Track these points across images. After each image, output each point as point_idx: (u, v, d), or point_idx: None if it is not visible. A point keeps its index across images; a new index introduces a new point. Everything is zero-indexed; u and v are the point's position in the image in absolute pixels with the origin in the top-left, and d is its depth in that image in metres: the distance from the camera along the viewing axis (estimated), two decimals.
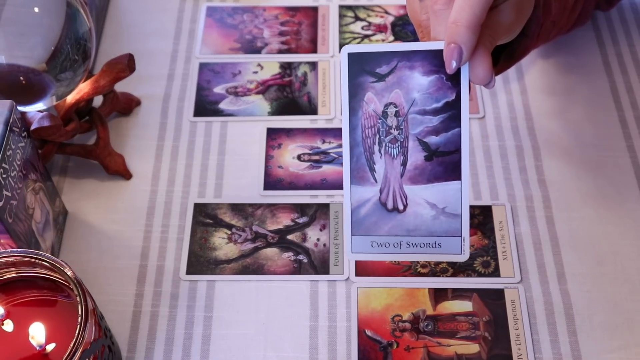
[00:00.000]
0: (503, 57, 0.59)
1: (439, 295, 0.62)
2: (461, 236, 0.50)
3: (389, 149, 0.51)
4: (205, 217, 0.67)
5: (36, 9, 0.61)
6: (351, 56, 0.50)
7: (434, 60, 0.49)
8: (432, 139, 0.50)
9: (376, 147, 0.51)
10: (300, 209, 0.67)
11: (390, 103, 0.50)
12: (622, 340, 0.60)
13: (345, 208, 0.52)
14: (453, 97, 0.49)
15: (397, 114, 0.50)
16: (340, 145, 0.71)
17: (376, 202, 0.51)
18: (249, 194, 0.68)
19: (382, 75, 0.50)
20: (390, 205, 0.51)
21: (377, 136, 0.51)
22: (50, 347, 0.52)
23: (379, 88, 0.50)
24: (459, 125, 0.49)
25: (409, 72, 0.50)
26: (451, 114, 0.50)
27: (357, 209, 0.51)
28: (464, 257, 0.51)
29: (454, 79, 0.49)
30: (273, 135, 0.72)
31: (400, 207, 0.51)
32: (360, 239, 0.52)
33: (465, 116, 0.49)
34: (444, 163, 0.50)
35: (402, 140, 0.50)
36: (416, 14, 0.54)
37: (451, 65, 0.48)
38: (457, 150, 0.50)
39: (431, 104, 0.50)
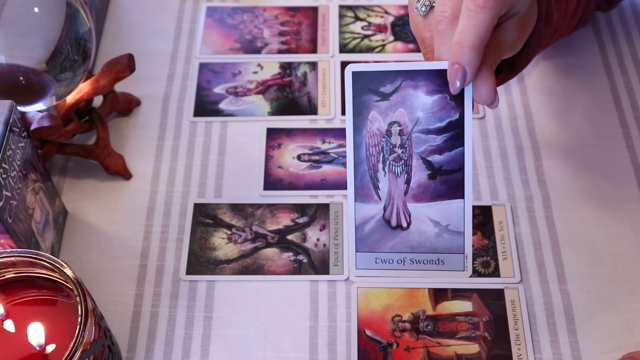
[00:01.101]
0: (505, 69, 0.59)
1: (438, 295, 0.62)
2: (464, 253, 0.51)
3: (393, 167, 0.51)
4: (205, 217, 0.67)
5: (36, 9, 0.61)
6: (355, 75, 0.51)
7: (438, 79, 0.49)
8: (436, 158, 0.50)
9: (380, 165, 0.51)
10: (300, 209, 0.67)
11: (394, 122, 0.51)
12: (622, 340, 0.60)
13: (349, 225, 0.52)
14: (457, 116, 0.50)
15: (401, 133, 0.51)
16: (340, 145, 0.71)
17: (380, 220, 0.52)
18: (249, 194, 0.68)
19: (386, 94, 0.50)
20: (394, 222, 0.52)
21: (381, 154, 0.51)
22: (50, 348, 0.52)
23: (383, 107, 0.51)
24: (463, 145, 0.50)
25: (412, 92, 0.50)
26: (455, 133, 0.50)
27: (361, 226, 0.52)
28: (466, 274, 0.52)
29: (458, 99, 0.49)
30: (273, 135, 0.72)
31: (404, 224, 0.52)
32: (365, 256, 0.53)
33: (469, 135, 0.50)
34: (447, 181, 0.51)
35: (405, 158, 0.51)
36: (419, 30, 0.54)
37: (455, 86, 0.48)
38: (460, 169, 0.50)
39: (435, 123, 0.50)
